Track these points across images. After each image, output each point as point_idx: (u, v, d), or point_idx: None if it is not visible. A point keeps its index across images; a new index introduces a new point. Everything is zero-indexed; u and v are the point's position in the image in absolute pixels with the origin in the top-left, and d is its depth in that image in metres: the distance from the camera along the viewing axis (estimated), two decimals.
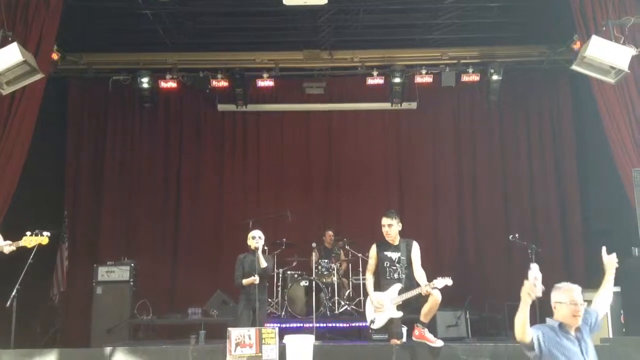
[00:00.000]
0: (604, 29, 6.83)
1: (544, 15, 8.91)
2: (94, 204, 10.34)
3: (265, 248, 7.61)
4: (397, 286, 5.91)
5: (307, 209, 10.36)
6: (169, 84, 10.01)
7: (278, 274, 9.03)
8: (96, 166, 10.50)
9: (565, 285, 3.83)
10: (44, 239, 5.62)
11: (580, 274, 9.50)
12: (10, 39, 6.63)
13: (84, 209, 10.29)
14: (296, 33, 9.71)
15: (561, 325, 3.78)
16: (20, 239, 5.63)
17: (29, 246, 5.56)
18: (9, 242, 5.48)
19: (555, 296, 3.82)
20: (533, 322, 3.76)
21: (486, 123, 10.58)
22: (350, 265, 9.48)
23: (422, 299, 5.70)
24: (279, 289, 9.04)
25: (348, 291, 9.23)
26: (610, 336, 6.73)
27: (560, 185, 10.21)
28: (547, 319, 3.88)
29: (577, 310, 3.71)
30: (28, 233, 5.57)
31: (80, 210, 10.27)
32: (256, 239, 6.87)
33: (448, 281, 5.53)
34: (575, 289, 3.78)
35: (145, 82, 9.94)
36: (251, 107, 10.58)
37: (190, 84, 10.21)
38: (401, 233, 6.19)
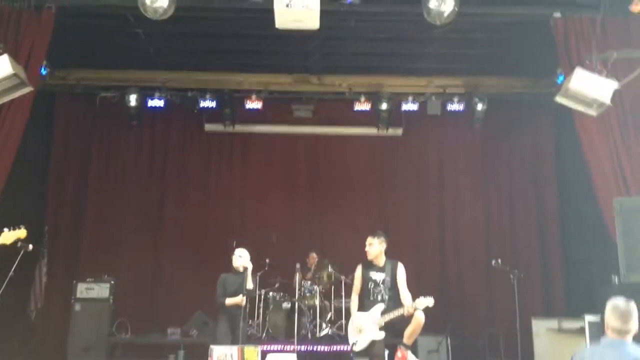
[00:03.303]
0: (587, 62, 7.00)
1: (529, 49, 9.13)
2: (76, 220, 10.26)
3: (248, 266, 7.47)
4: (380, 306, 5.93)
5: (291, 231, 10.37)
6: (157, 103, 10.02)
7: (260, 295, 8.99)
8: (80, 182, 10.44)
9: None
10: (22, 232, 5.41)
11: (560, 303, 9.62)
12: (1, 50, 6.63)
13: (65, 225, 10.20)
14: (286, 57, 9.81)
15: None
16: None
17: (8, 243, 5.34)
18: None
19: None
20: None
21: (470, 151, 10.74)
22: (333, 287, 9.47)
23: (406, 321, 5.71)
24: (261, 310, 8.99)
25: (330, 314, 9.20)
26: None
27: (541, 214, 10.36)
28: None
29: None
30: (5, 229, 5.41)
31: (61, 226, 10.17)
32: (236, 257, 6.90)
33: (430, 301, 5.57)
34: None
35: (133, 99, 9.92)
36: (239, 128, 10.64)
37: (178, 102, 10.23)
38: (386, 254, 6.23)
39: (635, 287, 5.50)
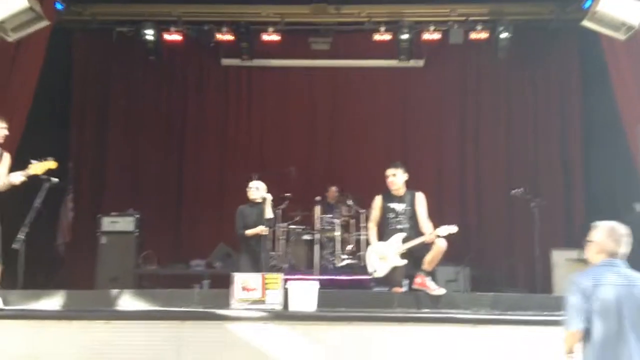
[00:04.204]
0: None
1: None
2: (98, 156, 10.41)
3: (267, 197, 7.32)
4: (401, 235, 5.95)
5: (311, 165, 10.42)
6: (174, 37, 9.91)
7: (281, 228, 9.10)
8: (101, 118, 10.52)
9: None
10: (52, 163, 5.53)
11: (580, 233, 9.54)
12: None
13: (89, 161, 10.38)
14: None
15: None
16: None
17: (40, 173, 5.50)
18: (18, 172, 5.47)
19: None
20: None
21: (493, 81, 10.50)
22: (352, 220, 9.53)
23: (426, 249, 5.74)
24: (282, 242, 9.11)
25: (350, 246, 9.29)
26: None
27: (564, 143, 10.19)
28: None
29: None
30: (33, 161, 5.52)
31: (85, 162, 10.35)
32: (252, 189, 6.92)
33: (452, 229, 5.57)
34: None
35: (149, 34, 9.83)
36: (256, 62, 10.51)
37: (194, 37, 10.10)
38: (407, 185, 6.21)
39: None
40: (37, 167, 5.50)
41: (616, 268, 3.37)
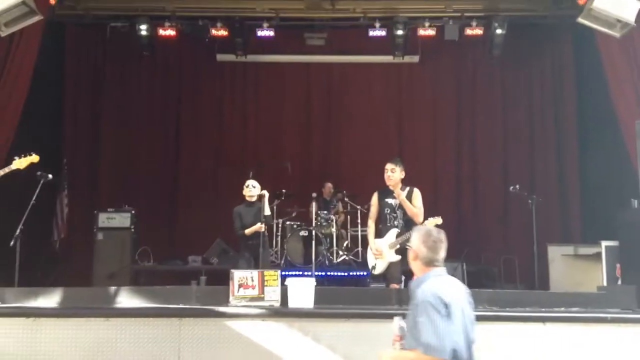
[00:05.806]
0: None
1: None
2: (93, 152, 10.37)
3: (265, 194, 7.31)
4: (394, 231, 5.96)
5: (306, 161, 10.46)
6: (168, 32, 9.83)
7: (277, 224, 9.10)
8: (95, 113, 10.48)
9: None
10: (34, 157, 5.67)
11: (576, 229, 9.65)
12: None
13: (83, 157, 10.31)
14: None
15: None
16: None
17: (22, 167, 5.62)
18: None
19: None
20: None
21: (488, 77, 10.53)
22: (348, 217, 9.55)
23: None
24: (279, 239, 9.12)
25: (346, 242, 9.33)
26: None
27: (559, 139, 10.26)
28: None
29: None
30: (16, 158, 5.60)
31: (79, 157, 10.26)
32: (250, 187, 6.91)
33: (438, 220, 5.58)
34: None
35: (143, 29, 9.75)
36: (251, 58, 10.48)
37: (189, 32, 10.03)
38: (403, 182, 6.21)
39: None
40: (21, 162, 5.59)
41: (445, 277, 3.14)
